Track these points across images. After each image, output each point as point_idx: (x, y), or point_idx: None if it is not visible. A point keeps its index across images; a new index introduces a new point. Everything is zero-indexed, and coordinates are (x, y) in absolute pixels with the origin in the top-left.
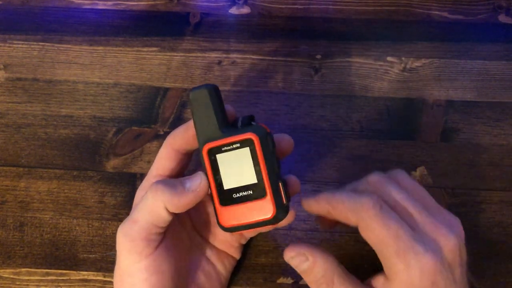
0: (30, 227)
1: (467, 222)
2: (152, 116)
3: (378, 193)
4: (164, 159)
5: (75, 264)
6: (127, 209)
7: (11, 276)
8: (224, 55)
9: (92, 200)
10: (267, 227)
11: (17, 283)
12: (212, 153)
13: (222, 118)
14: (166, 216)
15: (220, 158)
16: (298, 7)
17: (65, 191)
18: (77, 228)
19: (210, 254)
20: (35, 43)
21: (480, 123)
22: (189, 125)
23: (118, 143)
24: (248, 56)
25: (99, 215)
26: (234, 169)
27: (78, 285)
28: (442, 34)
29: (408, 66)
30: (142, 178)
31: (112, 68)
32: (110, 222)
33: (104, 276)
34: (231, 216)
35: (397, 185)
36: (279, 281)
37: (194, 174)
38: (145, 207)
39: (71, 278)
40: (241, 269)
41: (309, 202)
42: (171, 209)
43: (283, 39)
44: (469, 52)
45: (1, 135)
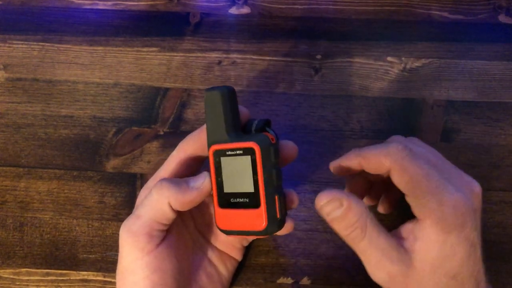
0: (30, 227)
1: None
2: (152, 116)
3: (406, 144)
4: (175, 163)
5: (75, 264)
6: (127, 209)
7: (11, 276)
8: (224, 55)
9: (92, 200)
10: (260, 237)
11: (17, 283)
12: (218, 155)
13: (233, 121)
14: (169, 213)
15: (224, 161)
16: (298, 7)
17: (65, 191)
18: (77, 228)
19: (212, 255)
20: (35, 43)
21: (480, 123)
22: (203, 129)
23: (118, 143)
24: (248, 56)
25: (99, 215)
26: (235, 175)
27: (78, 285)
28: (442, 34)
29: (408, 66)
30: (142, 178)
31: (112, 68)
32: (110, 222)
33: (104, 276)
34: (227, 219)
35: (418, 143)
36: (279, 281)
37: (199, 174)
38: (149, 203)
39: (71, 278)
40: (241, 269)
41: (338, 162)
42: (175, 205)
43: (283, 39)
44: (469, 52)
45: (1, 135)
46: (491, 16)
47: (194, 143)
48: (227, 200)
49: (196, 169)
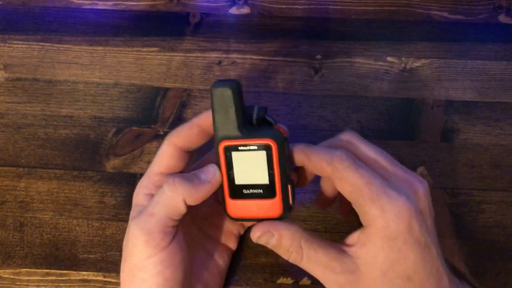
0: (30, 227)
1: (467, 222)
2: (152, 116)
3: (351, 149)
4: (167, 157)
5: (75, 264)
6: (127, 209)
7: (11, 276)
8: (224, 55)
9: (92, 200)
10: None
11: (17, 283)
12: (228, 150)
13: (242, 116)
14: (183, 209)
15: (235, 155)
16: (298, 7)
17: (65, 191)
18: (77, 228)
19: (210, 248)
20: (35, 43)
21: (480, 123)
22: (194, 123)
23: (118, 143)
24: (248, 56)
25: (99, 215)
26: (247, 168)
27: (78, 285)
28: (442, 34)
29: (408, 66)
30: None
31: (112, 68)
32: (110, 222)
33: (104, 277)
34: (239, 208)
35: (368, 142)
36: (279, 281)
37: (206, 166)
38: (162, 200)
39: (71, 278)
40: (241, 269)
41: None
42: (189, 201)
43: (283, 39)
44: (469, 52)
45: (1, 135)
46: (491, 16)
47: (184, 137)
48: (239, 192)
49: (187, 160)
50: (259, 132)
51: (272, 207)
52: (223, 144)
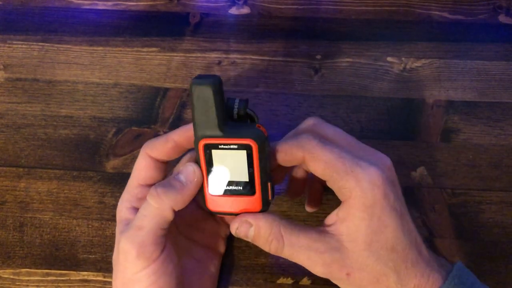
0: (30, 228)
1: (467, 222)
2: (152, 116)
3: (316, 132)
4: (144, 169)
5: (75, 264)
6: None
7: (11, 277)
8: (224, 55)
9: (92, 201)
10: None
11: (17, 283)
12: (208, 147)
13: (222, 115)
14: (170, 216)
15: (215, 153)
16: (298, 7)
17: (65, 191)
18: (77, 229)
19: (198, 254)
20: (35, 43)
21: (480, 123)
22: (169, 138)
23: (118, 144)
24: (248, 56)
25: (99, 216)
26: (227, 166)
27: (78, 286)
28: (442, 34)
29: (408, 66)
30: None
31: (112, 69)
32: (110, 222)
33: (104, 277)
34: (219, 203)
35: (331, 124)
36: (279, 282)
37: (184, 166)
38: (149, 213)
39: (71, 278)
40: (241, 269)
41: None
42: (177, 207)
43: (283, 39)
44: (469, 52)
45: (1, 135)
46: (491, 16)
47: (158, 150)
48: (218, 188)
49: (165, 170)
50: (240, 131)
51: (251, 203)
52: (203, 142)
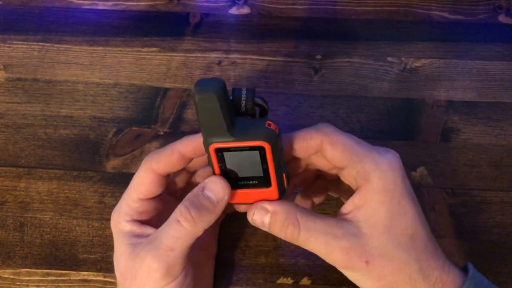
0: (30, 228)
1: (467, 222)
2: (152, 116)
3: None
4: (146, 184)
5: (75, 264)
6: None
7: (11, 277)
8: (224, 55)
9: (92, 201)
10: None
11: (17, 283)
12: (219, 150)
13: (230, 118)
14: (200, 235)
15: (227, 155)
16: (298, 7)
17: (65, 191)
18: (77, 229)
19: (194, 257)
20: (35, 43)
21: (480, 123)
22: (174, 149)
23: (118, 144)
24: (248, 56)
25: (99, 216)
26: (240, 164)
27: (78, 286)
28: (442, 34)
29: (408, 66)
30: None
31: (112, 69)
32: (110, 222)
33: (104, 277)
34: (236, 196)
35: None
36: (279, 282)
37: (211, 182)
38: (182, 235)
39: (71, 278)
40: (241, 269)
41: None
42: (208, 226)
43: (283, 39)
44: (469, 52)
45: (1, 135)
46: (491, 16)
47: (163, 164)
48: (234, 182)
49: (166, 183)
50: (251, 133)
51: (267, 194)
52: (214, 146)
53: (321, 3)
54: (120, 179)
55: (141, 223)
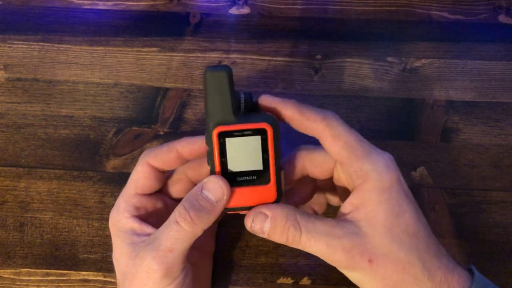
0: (30, 227)
1: (467, 222)
2: (152, 116)
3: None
4: (143, 178)
5: (75, 264)
6: None
7: (11, 277)
8: (224, 55)
9: (92, 200)
10: None
11: (17, 283)
12: (222, 136)
13: (235, 102)
14: (199, 235)
15: (229, 141)
16: (298, 7)
17: (65, 191)
18: (77, 228)
19: (192, 257)
20: (35, 43)
21: (480, 123)
22: (172, 148)
23: (118, 143)
24: (248, 56)
25: (99, 215)
26: (241, 154)
27: (78, 285)
28: (442, 34)
29: (408, 66)
30: None
31: (112, 68)
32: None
33: (104, 277)
34: (233, 197)
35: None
36: (279, 281)
37: (209, 181)
38: (181, 236)
39: (71, 278)
40: (241, 269)
41: (273, 100)
42: (207, 227)
43: (283, 39)
44: (469, 52)
45: (1, 135)
46: (491, 16)
47: (160, 160)
48: (232, 179)
49: (163, 179)
50: (254, 117)
51: (266, 193)
52: (218, 129)
53: (321, 3)
54: (120, 179)
55: (140, 220)
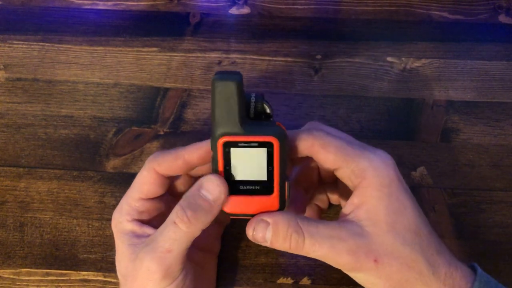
0: (30, 227)
1: (467, 222)
2: (152, 116)
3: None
4: (148, 184)
5: (75, 264)
6: None
7: (11, 276)
8: (224, 55)
9: (92, 200)
10: None
11: (17, 283)
12: (227, 145)
13: (243, 112)
14: (198, 235)
15: (234, 151)
16: (298, 7)
17: (65, 191)
18: (77, 228)
19: (196, 257)
20: (35, 43)
21: (480, 123)
22: (179, 155)
23: (118, 143)
24: (248, 56)
25: (99, 215)
26: (246, 165)
27: (78, 285)
28: (442, 34)
29: (408, 66)
30: None
31: (112, 68)
32: (110, 222)
33: (104, 276)
34: (234, 204)
35: (329, 127)
36: (279, 281)
37: (206, 180)
38: (179, 236)
39: (71, 278)
40: (241, 269)
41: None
42: (206, 226)
43: (283, 39)
44: (469, 52)
45: (1, 135)
46: (491, 16)
47: (166, 166)
48: (235, 187)
49: (168, 185)
50: (261, 129)
51: (269, 203)
52: (223, 139)
53: (321, 3)
54: (120, 179)
55: (142, 223)
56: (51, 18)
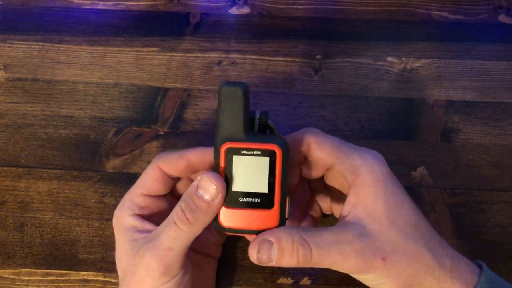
0: (30, 227)
1: (467, 222)
2: (152, 116)
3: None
4: (152, 181)
5: (75, 264)
6: None
7: (11, 277)
8: (224, 55)
9: (92, 200)
10: None
11: (17, 283)
12: (230, 152)
13: (248, 120)
14: (198, 234)
15: (236, 159)
16: (298, 7)
17: (65, 191)
18: (77, 228)
19: (196, 259)
20: (35, 43)
21: (480, 123)
22: (184, 156)
23: (118, 143)
24: (248, 56)
25: (99, 215)
26: (247, 174)
27: (78, 285)
28: (442, 34)
29: (408, 66)
30: None
31: (112, 68)
32: (110, 222)
33: (104, 277)
34: (232, 218)
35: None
36: (279, 281)
37: (203, 179)
38: (180, 236)
39: (71, 278)
40: (241, 269)
41: None
42: (205, 226)
43: (283, 39)
44: (469, 52)
45: (1, 135)
46: (491, 16)
47: (170, 166)
48: (234, 199)
49: (172, 185)
50: (264, 138)
51: (268, 219)
52: (226, 146)
53: (321, 3)
54: (120, 179)
55: (143, 218)
56: (51, 18)
